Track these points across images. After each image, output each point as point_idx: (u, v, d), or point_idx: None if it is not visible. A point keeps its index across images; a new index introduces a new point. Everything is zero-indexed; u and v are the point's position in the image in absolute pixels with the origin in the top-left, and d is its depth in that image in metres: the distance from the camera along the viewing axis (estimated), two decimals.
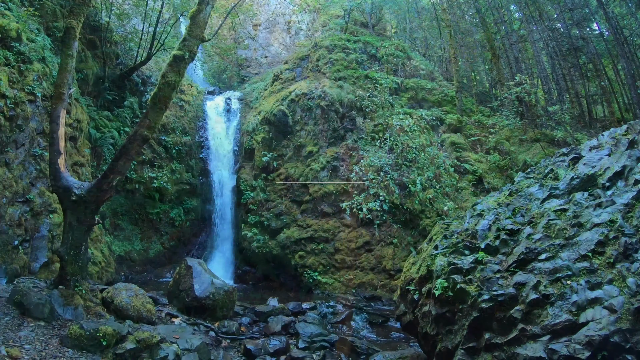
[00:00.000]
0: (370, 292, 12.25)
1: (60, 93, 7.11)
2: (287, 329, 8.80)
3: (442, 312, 5.12)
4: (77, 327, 5.14)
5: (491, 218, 5.84)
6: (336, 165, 13.88)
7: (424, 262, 5.86)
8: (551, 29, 22.43)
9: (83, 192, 6.51)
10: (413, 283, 5.93)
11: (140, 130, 6.29)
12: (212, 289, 8.14)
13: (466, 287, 4.93)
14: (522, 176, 6.82)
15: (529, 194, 6.13)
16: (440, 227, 6.36)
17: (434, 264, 5.57)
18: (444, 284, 5.14)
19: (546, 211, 5.47)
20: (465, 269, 5.17)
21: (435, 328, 5.22)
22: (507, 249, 5.27)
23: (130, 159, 6.42)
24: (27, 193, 10.60)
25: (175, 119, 16.72)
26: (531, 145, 14.83)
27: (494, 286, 4.80)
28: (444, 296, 5.09)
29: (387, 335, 9.59)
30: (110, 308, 6.75)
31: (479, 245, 5.47)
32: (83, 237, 6.74)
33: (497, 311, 4.60)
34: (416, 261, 6.23)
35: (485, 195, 13.13)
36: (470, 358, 4.64)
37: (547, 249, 4.91)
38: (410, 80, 16.16)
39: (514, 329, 4.43)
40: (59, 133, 6.90)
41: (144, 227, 15.55)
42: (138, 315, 6.55)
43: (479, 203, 6.57)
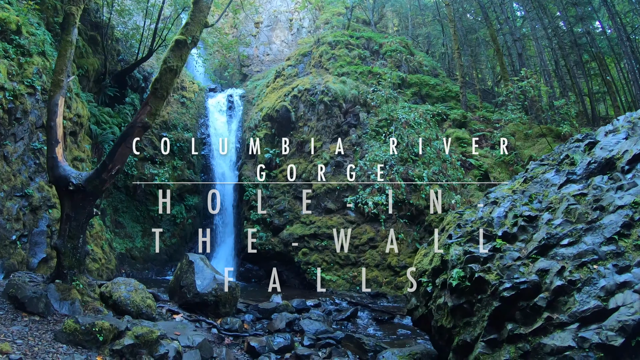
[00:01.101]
0: (375, 289, 11.91)
1: (58, 80, 6.80)
2: (292, 326, 8.47)
3: (459, 304, 4.79)
4: (72, 322, 4.81)
5: (507, 205, 5.53)
6: (340, 160, 13.56)
7: (437, 253, 5.53)
8: (554, 26, 22.17)
9: (81, 181, 6.19)
10: (426, 275, 5.60)
11: (141, 117, 5.98)
12: (214, 285, 7.81)
13: (485, 276, 4.61)
14: (536, 164, 6.51)
15: (545, 180, 5.83)
16: (453, 216, 6.04)
17: (448, 254, 5.25)
18: (461, 273, 4.81)
19: (565, 196, 5.18)
20: (483, 257, 4.85)
21: (451, 321, 4.89)
22: (526, 235, 4.97)
23: (130, 147, 6.10)
24: (26, 187, 10.29)
25: (176, 115, 16.43)
26: (536, 141, 14.53)
27: (515, 274, 4.49)
28: (461, 287, 4.77)
29: (394, 332, 9.26)
30: (108, 303, 6.43)
31: (496, 233, 5.16)
32: (81, 229, 6.41)
33: (520, 300, 4.29)
34: (428, 252, 5.90)
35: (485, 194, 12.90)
36: (492, 351, 4.31)
37: (569, 233, 4.61)
38: (414, 76, 15.86)
39: (538, 318, 4.12)
40: (56, 121, 6.59)
41: (145, 224, 15.23)
42: (137, 311, 6.22)
43: (492, 191, 6.25)
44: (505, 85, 16.52)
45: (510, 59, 22.91)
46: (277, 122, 15.14)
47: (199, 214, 16.22)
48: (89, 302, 6.52)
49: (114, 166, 6.09)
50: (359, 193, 10.91)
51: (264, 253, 14.05)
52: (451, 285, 4.88)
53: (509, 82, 15.30)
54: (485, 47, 25.13)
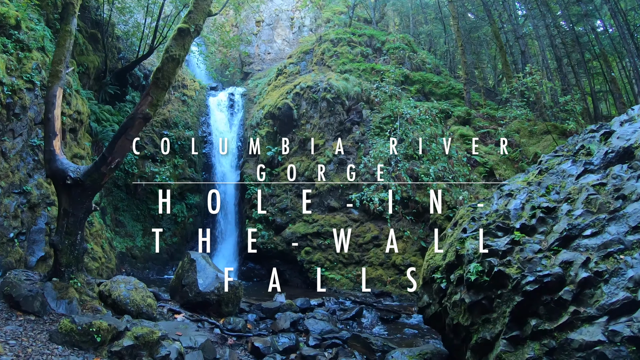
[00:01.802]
0: (380, 288, 11.61)
1: (57, 71, 6.52)
2: (296, 326, 8.18)
3: (478, 300, 4.52)
4: (68, 322, 4.52)
5: (523, 197, 5.27)
6: (343, 158, 13.27)
7: (452, 248, 5.25)
8: (556, 24, 21.94)
9: (79, 175, 5.91)
10: (439, 271, 5.32)
11: (142, 108, 5.69)
12: (216, 284, 7.51)
13: (505, 270, 4.34)
14: (550, 155, 6.25)
15: (561, 171, 5.57)
16: (466, 210, 5.76)
17: (463, 248, 4.97)
18: (479, 268, 4.54)
19: (584, 186, 4.94)
20: (502, 250, 4.59)
21: (469, 318, 4.61)
22: (545, 227, 4.72)
23: (131, 139, 5.82)
24: (24, 184, 9.99)
25: (177, 113, 16.15)
26: (541, 138, 14.26)
27: (537, 267, 4.23)
28: (479, 282, 4.49)
29: (401, 331, 8.96)
30: (107, 302, 6.13)
31: (513, 225, 4.90)
32: (79, 225, 6.12)
33: (543, 294, 4.03)
34: (440, 247, 5.62)
35: (497, 188, 12.63)
36: (514, 349, 4.04)
37: (592, 224, 4.37)
38: (417, 73, 15.60)
39: (564, 313, 3.86)
40: (54, 113, 6.31)
41: (146, 223, 14.93)
42: (137, 310, 5.93)
43: (506, 184, 5.99)
44: (508, 83, 16.28)
45: (512, 57, 22.67)
46: (279, 119, 14.86)
47: (200, 212, 15.92)
48: (87, 301, 6.22)
49: (114, 159, 5.81)
50: (364, 190, 10.62)
51: (266, 252, 13.76)
52: (468, 281, 4.61)
53: (513, 79, 15.07)
54: (486, 46, 24.90)
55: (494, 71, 25.73)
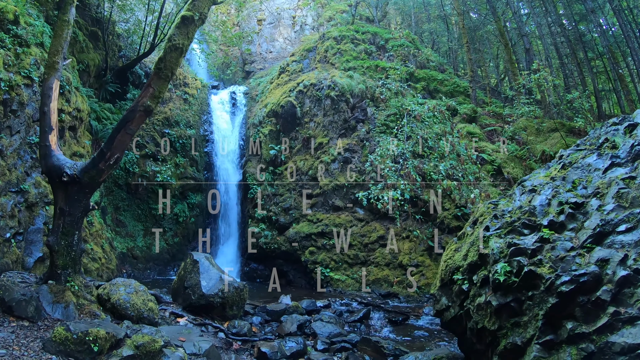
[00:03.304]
0: (386, 288, 11.22)
1: (53, 62, 6.13)
2: (303, 329, 7.79)
3: (506, 302, 4.14)
4: (63, 329, 4.12)
5: (548, 192, 4.90)
6: (348, 156, 12.87)
7: (473, 247, 4.87)
8: (559, 23, 21.58)
9: (76, 172, 5.51)
10: (459, 271, 4.94)
11: (143, 100, 5.30)
12: (220, 286, 7.12)
13: (536, 269, 3.97)
14: (572, 149, 5.89)
15: (587, 165, 5.21)
16: (486, 207, 5.38)
17: (487, 247, 4.60)
18: (507, 268, 4.17)
19: (613, 180, 4.59)
20: (530, 249, 4.23)
21: (496, 322, 4.24)
22: (575, 224, 4.36)
23: (131, 133, 5.42)
24: (22, 183, 9.59)
25: (179, 112, 15.75)
26: (548, 135, 13.89)
27: (571, 266, 3.87)
28: (507, 283, 4.12)
29: (411, 334, 8.57)
30: (106, 306, 5.74)
31: (540, 222, 4.53)
32: (76, 225, 5.73)
33: (579, 295, 3.68)
34: (460, 247, 5.23)
35: (506, 185, 12.24)
36: (548, 354, 3.68)
37: (626, 219, 4.03)
38: (422, 70, 15.21)
39: (602, 314, 3.52)
40: (50, 106, 5.92)
41: (147, 223, 14.52)
42: (138, 315, 5.53)
43: (527, 179, 5.62)
44: (514, 80, 15.91)
45: (515, 56, 22.31)
46: (282, 118, 14.47)
47: (202, 212, 15.52)
48: (85, 305, 5.82)
49: (112, 155, 5.41)
50: (371, 188, 10.23)
51: (270, 252, 13.36)
52: (495, 282, 4.23)
53: (519, 76, 14.70)
54: (489, 45, 24.54)
55: (497, 69, 25.38)
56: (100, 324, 4.85)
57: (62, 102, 11.22)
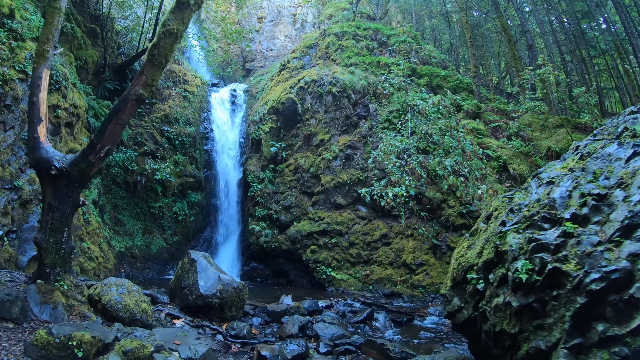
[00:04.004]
0: (390, 288, 10.83)
1: (43, 50, 5.75)
2: (305, 331, 7.41)
3: (528, 303, 3.76)
4: (45, 333, 3.75)
5: (568, 184, 4.51)
6: (350, 153, 12.50)
7: (489, 244, 4.48)
8: (561, 20, 21.20)
9: (65, 165, 5.13)
10: (473, 270, 4.55)
11: (135, 89, 4.92)
12: (219, 286, 6.74)
13: (562, 266, 3.59)
14: (589, 139, 5.52)
15: (607, 155, 4.82)
16: (501, 201, 4.99)
17: (505, 244, 4.21)
18: (528, 265, 3.79)
19: (638, 169, 4.22)
20: (553, 244, 3.85)
21: (516, 324, 3.85)
22: (600, 216, 3.98)
23: (122, 124, 5.04)
24: (15, 179, 9.23)
25: (178, 109, 15.38)
26: (554, 132, 13.51)
27: (599, 261, 3.49)
28: (529, 282, 3.74)
29: (416, 335, 8.18)
30: (97, 308, 5.36)
31: (561, 215, 4.15)
32: (65, 221, 5.35)
33: (610, 293, 3.29)
34: (473, 244, 4.84)
35: (512, 182, 11.85)
36: (577, 359, 3.30)
37: None
38: (424, 67, 14.84)
39: (636, 314, 3.15)
40: (39, 97, 5.54)
41: (146, 221, 14.15)
42: (130, 317, 5.15)
43: (542, 172, 5.24)
44: (518, 76, 15.53)
45: (518, 53, 21.93)
46: (283, 114, 14.09)
47: (202, 210, 15.14)
48: (74, 306, 5.45)
49: (103, 146, 5.03)
50: (374, 185, 9.85)
51: (270, 251, 12.98)
52: (516, 281, 3.85)
53: (523, 72, 14.32)
54: (490, 43, 24.17)
55: (498, 67, 25.01)
56: (88, 326, 4.48)
57: (58, 97, 10.87)
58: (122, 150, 13.75)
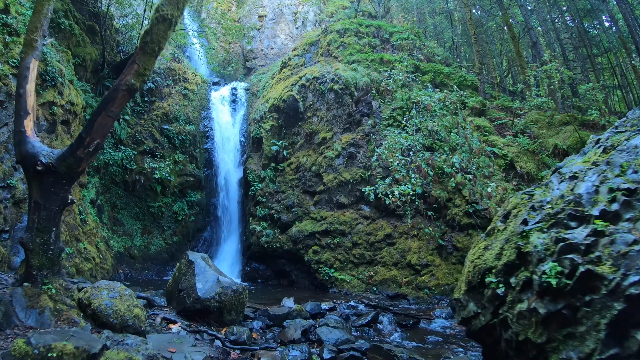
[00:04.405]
0: (394, 289, 10.43)
1: (31, 39, 5.38)
2: (307, 335, 7.01)
3: (557, 310, 3.37)
4: (23, 342, 3.37)
5: (594, 179, 4.12)
6: (352, 151, 12.10)
7: (509, 244, 4.09)
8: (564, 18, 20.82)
9: (52, 160, 4.75)
10: (492, 273, 4.15)
11: (126, 79, 4.54)
12: (217, 289, 6.35)
13: (596, 269, 3.20)
14: (611, 132, 5.12)
15: (633, 147, 4.41)
16: (520, 198, 4.59)
17: (528, 244, 3.82)
18: (557, 268, 3.39)
19: None
20: (584, 244, 3.45)
21: (543, 333, 3.46)
22: (632, 212, 3.58)
23: (113, 116, 4.66)
24: (9, 178, 8.87)
25: (178, 107, 15.00)
26: (560, 129, 13.11)
27: (638, 262, 3.09)
28: (559, 286, 3.35)
29: (423, 339, 7.78)
30: (87, 313, 4.97)
31: (589, 212, 3.75)
32: (53, 221, 4.97)
33: None
34: (490, 245, 4.44)
35: (519, 180, 11.45)
36: None
37: None
38: (428, 64, 14.44)
39: None
40: (27, 88, 5.17)
41: (145, 221, 13.77)
42: (122, 323, 4.77)
43: (563, 166, 4.84)
44: (522, 73, 15.14)
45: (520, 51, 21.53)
46: (284, 112, 13.70)
47: (202, 210, 14.76)
48: (63, 311, 5.06)
49: (92, 140, 4.65)
50: (378, 183, 9.45)
51: (271, 251, 12.59)
52: (543, 285, 3.45)
53: (527, 69, 13.92)
54: (492, 42, 23.79)
55: (500, 65, 24.62)
56: (74, 334, 4.09)
57: (54, 94, 10.50)
58: (120, 149, 13.39)
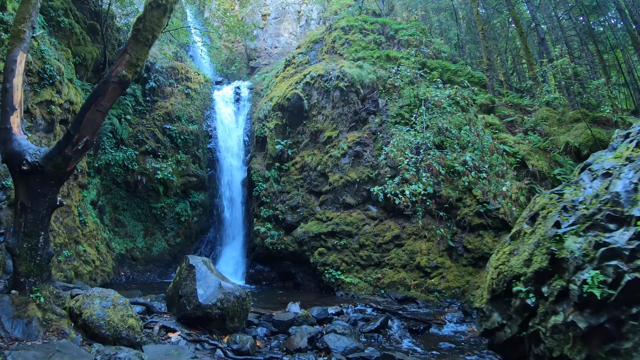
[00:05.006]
0: (403, 292, 9.96)
1: (19, 30, 4.97)
2: (314, 343, 6.57)
3: (599, 324, 2.91)
4: None
5: (631, 176, 3.65)
6: (359, 150, 11.64)
7: (539, 249, 3.63)
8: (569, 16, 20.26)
9: (38, 159, 4.33)
10: (520, 281, 3.69)
11: (117, 70, 4.12)
12: (219, 295, 5.92)
13: None
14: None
15: None
16: (548, 197, 4.12)
17: (563, 249, 3.36)
18: (600, 277, 2.93)
19: None
20: (627, 249, 2.99)
21: (583, 349, 3.01)
22: None
23: (103, 110, 4.24)
24: (4, 179, 8.47)
25: (180, 106, 14.60)
26: (571, 126, 12.58)
27: None
28: (600, 297, 2.89)
29: (435, 346, 7.31)
30: (77, 323, 4.55)
31: (630, 213, 3.29)
32: (41, 224, 4.56)
33: None
34: (516, 249, 3.97)
35: (531, 179, 10.94)
36: None
37: None
38: (435, 61, 13.95)
39: None
40: (13, 82, 4.76)
41: (147, 222, 13.38)
42: (115, 335, 4.34)
43: (593, 162, 4.37)
44: (530, 70, 14.62)
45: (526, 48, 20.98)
46: (289, 111, 13.27)
47: (205, 211, 14.35)
48: (52, 321, 4.64)
49: (81, 137, 4.23)
50: (387, 183, 8.99)
51: (276, 253, 12.14)
52: (583, 296, 2.99)
53: (536, 65, 13.44)
54: (497, 40, 23.24)
55: (506, 64, 24.05)
56: (61, 348, 3.68)
57: (52, 92, 10.12)
58: (122, 149, 13.01)
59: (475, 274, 9.60)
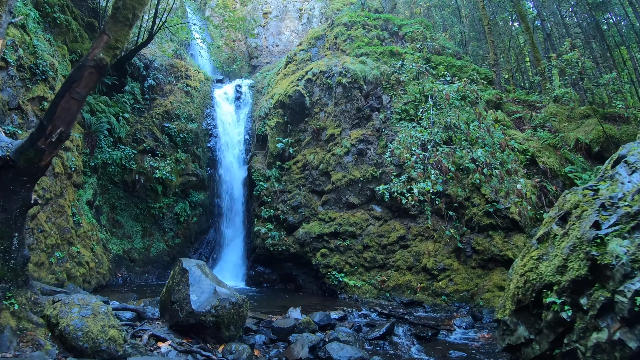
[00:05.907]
0: (409, 296, 9.44)
1: None
2: (316, 352, 6.05)
3: None
4: None
5: None
6: (362, 148, 11.12)
7: (576, 253, 3.11)
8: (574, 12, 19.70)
9: (10, 152, 3.85)
10: (553, 291, 3.18)
11: (94, 53, 3.65)
12: (214, 301, 5.42)
13: None
14: None
15: None
16: (580, 194, 3.59)
17: (606, 253, 2.84)
18: None
19: None
20: None
21: None
22: None
23: (79, 98, 3.76)
24: None
25: (180, 104, 14.14)
26: (581, 122, 12.03)
27: None
28: None
29: (445, 354, 6.77)
30: (55, 333, 4.07)
31: None
32: (14, 225, 4.08)
33: None
34: (546, 253, 3.45)
35: (541, 177, 10.39)
36: None
37: None
38: (439, 57, 13.42)
39: None
40: None
41: (146, 223, 12.91)
42: (93, 347, 3.86)
43: (627, 155, 3.84)
44: (537, 65, 14.08)
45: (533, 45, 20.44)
46: (290, 108, 12.78)
47: (205, 211, 13.87)
48: (27, 331, 4.16)
49: (55, 128, 3.75)
50: (393, 181, 8.48)
51: (277, 254, 11.64)
52: (634, 310, 2.47)
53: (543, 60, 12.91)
54: (500, 38, 22.69)
55: (509, 62, 23.49)
56: None
57: (44, 89, 9.68)
58: (119, 147, 12.55)
59: (485, 277, 9.07)
